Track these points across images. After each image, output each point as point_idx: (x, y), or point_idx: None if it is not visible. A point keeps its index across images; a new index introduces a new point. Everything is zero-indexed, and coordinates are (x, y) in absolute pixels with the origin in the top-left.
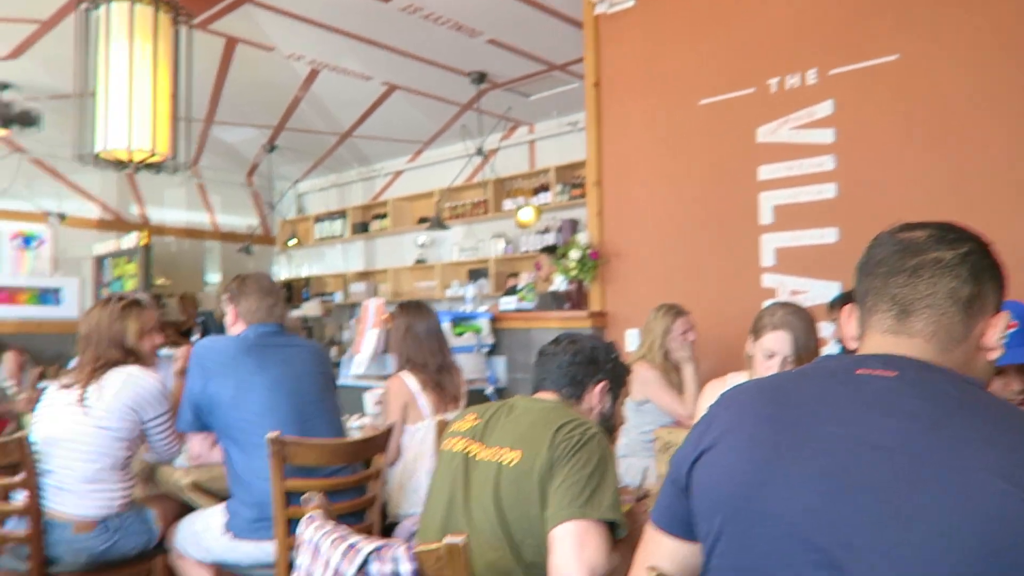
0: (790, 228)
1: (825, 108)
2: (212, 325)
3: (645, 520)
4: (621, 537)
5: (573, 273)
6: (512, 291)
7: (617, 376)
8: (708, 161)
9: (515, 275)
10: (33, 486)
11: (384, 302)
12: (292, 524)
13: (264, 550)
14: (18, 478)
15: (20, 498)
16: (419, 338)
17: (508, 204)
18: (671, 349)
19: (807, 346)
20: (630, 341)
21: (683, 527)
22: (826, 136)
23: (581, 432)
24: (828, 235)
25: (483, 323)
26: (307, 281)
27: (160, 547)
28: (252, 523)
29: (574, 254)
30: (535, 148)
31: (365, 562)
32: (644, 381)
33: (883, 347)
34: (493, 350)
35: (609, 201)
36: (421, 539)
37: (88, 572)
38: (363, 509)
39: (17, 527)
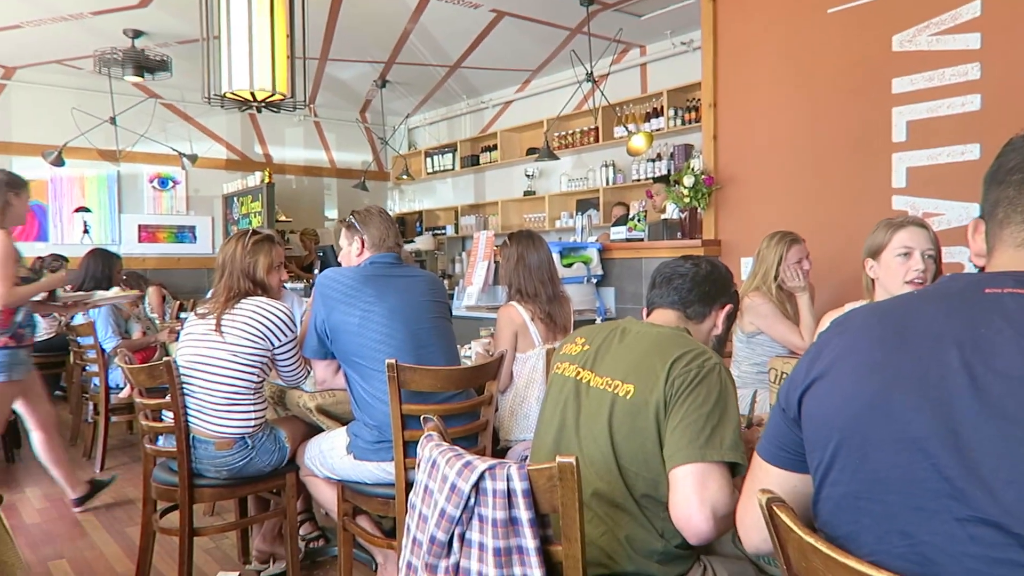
0: (926, 146)
1: (971, 9)
2: (332, 259)
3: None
4: (742, 474)
5: (686, 201)
6: (622, 221)
7: (737, 303)
8: (836, 76)
9: (625, 204)
10: (179, 406)
11: (494, 234)
12: (410, 446)
13: (385, 469)
14: (166, 399)
15: (169, 417)
16: (530, 268)
17: (619, 131)
18: (785, 278)
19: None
20: (745, 270)
21: (792, 458)
22: (971, 42)
23: (699, 365)
24: (970, 152)
25: (592, 253)
26: (419, 215)
27: (290, 464)
28: (373, 444)
29: (688, 181)
30: (647, 71)
31: (480, 479)
32: (758, 313)
33: (1017, 263)
34: (602, 281)
35: (725, 124)
36: (533, 462)
37: (229, 485)
38: (476, 433)
39: (167, 443)
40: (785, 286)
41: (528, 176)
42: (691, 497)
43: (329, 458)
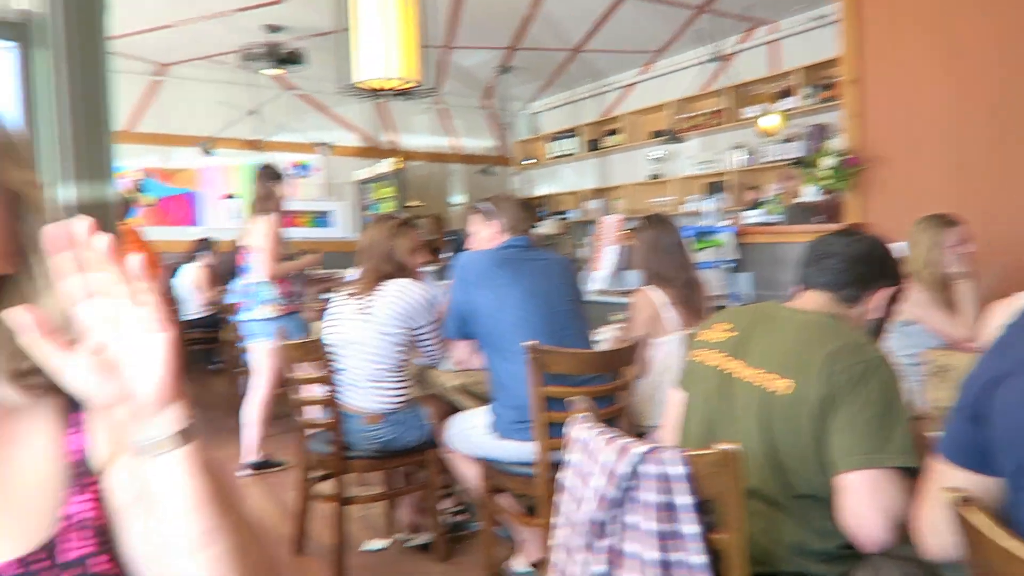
0: None
1: None
2: (462, 243)
3: (921, 443)
4: (916, 476)
5: (826, 183)
6: (756, 204)
7: (899, 285)
8: (1000, 41)
9: (756, 188)
10: (330, 382)
11: (622, 218)
12: (550, 427)
13: (525, 449)
14: (318, 374)
15: (322, 392)
16: (666, 252)
17: (748, 112)
18: (943, 264)
19: None
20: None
21: (977, 459)
22: None
23: (863, 360)
24: None
25: (725, 238)
26: (543, 200)
27: (432, 441)
28: (513, 424)
29: (827, 162)
30: (778, 48)
31: (638, 462)
32: (913, 301)
33: None
34: (736, 266)
35: (872, 100)
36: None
37: (377, 458)
38: (612, 418)
39: (321, 417)
40: (943, 272)
41: (653, 160)
42: (864, 505)
43: (471, 436)
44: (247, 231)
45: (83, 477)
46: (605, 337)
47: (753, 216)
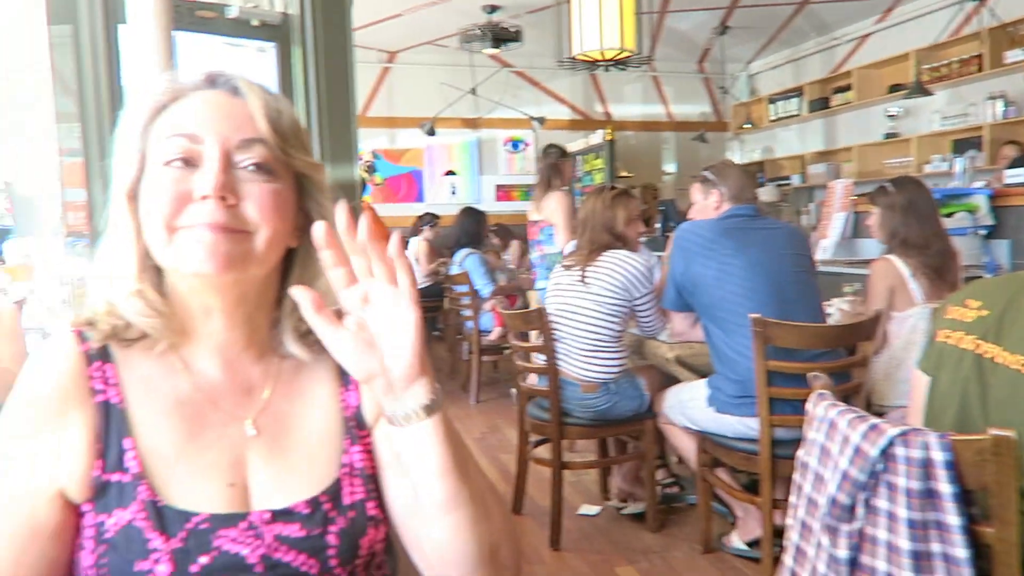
0: None
1: None
2: (672, 214)
3: None
4: None
5: None
6: (1018, 162)
7: None
8: None
9: (1018, 143)
10: (550, 350)
11: (852, 183)
12: (775, 403)
13: (747, 424)
14: (539, 343)
15: (542, 360)
16: (919, 217)
17: (1011, 56)
18: None
19: None
20: None
21: None
22: None
23: None
24: None
25: (980, 200)
26: (761, 165)
27: (649, 411)
28: (734, 399)
29: None
30: None
31: (890, 444)
32: None
33: None
34: (992, 232)
35: None
36: None
37: (593, 426)
38: (847, 396)
39: (540, 384)
40: None
41: (890, 116)
42: None
43: (689, 409)
44: (537, 207)
45: (357, 430)
46: (834, 310)
47: (1015, 175)
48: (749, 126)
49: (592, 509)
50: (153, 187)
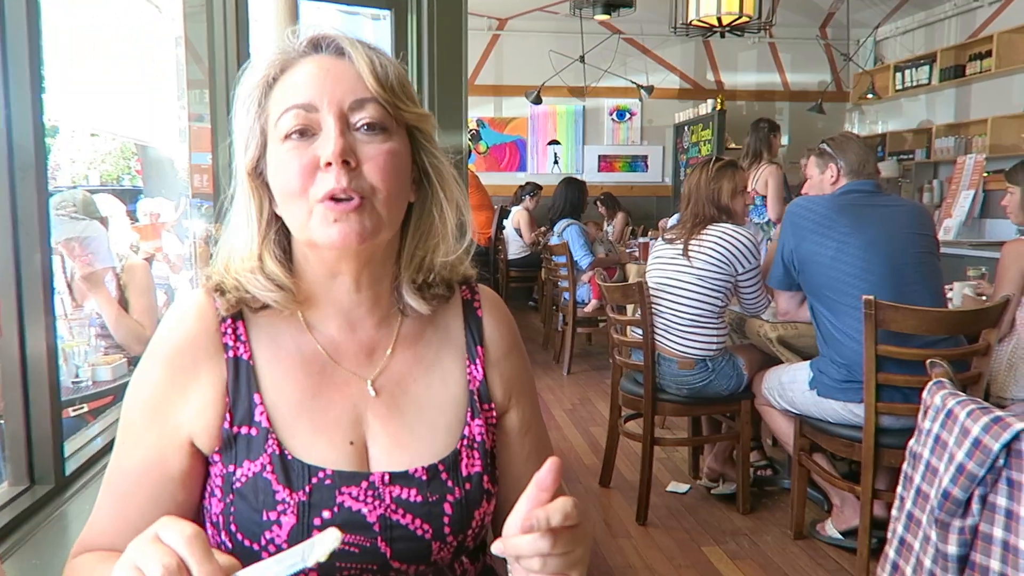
0: None
1: None
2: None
3: None
4: None
5: None
6: None
7: None
8: None
9: None
10: (648, 325)
11: (984, 159)
12: (883, 390)
13: (851, 411)
14: (637, 316)
15: (636, 333)
16: None
17: None
18: None
19: None
20: None
21: None
22: None
23: None
24: None
25: None
26: (881, 138)
27: (746, 391)
28: (839, 383)
29: None
30: None
31: (1015, 439)
32: None
33: None
34: None
35: None
36: None
37: (687, 403)
38: (964, 387)
39: (635, 358)
40: None
41: None
42: None
43: (789, 391)
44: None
45: (480, 403)
46: (955, 294)
47: None
48: (872, 96)
49: (681, 487)
50: (278, 164)
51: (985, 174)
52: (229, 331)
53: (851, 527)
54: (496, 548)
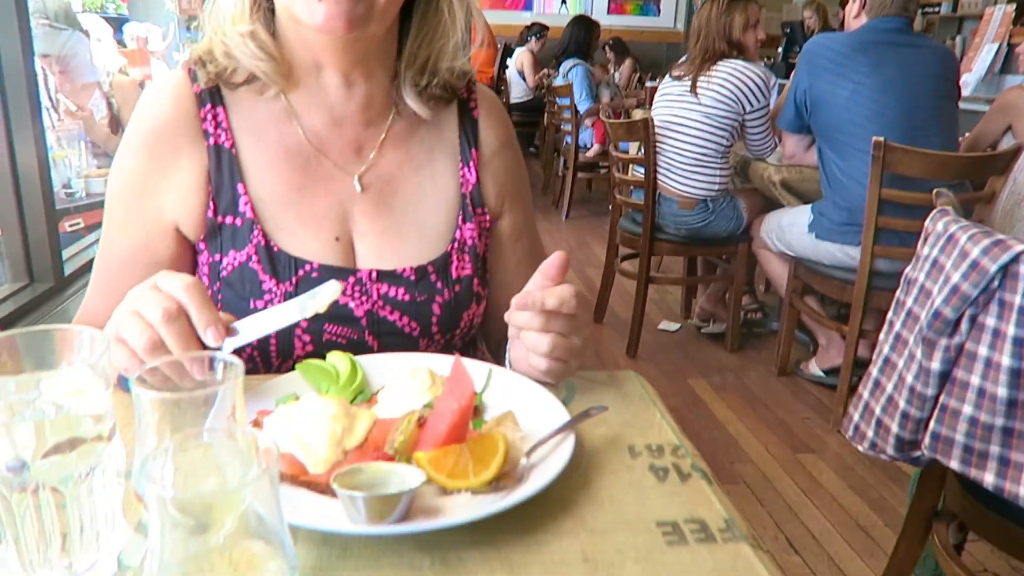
0: None
1: None
2: (799, 35)
3: None
4: None
5: None
6: None
7: None
8: None
9: None
10: (651, 163)
11: (1013, 9)
12: (881, 234)
13: (847, 253)
14: (640, 154)
15: (641, 172)
16: None
17: None
18: None
19: None
20: None
21: None
22: None
23: None
24: None
25: None
26: None
27: (744, 234)
28: (839, 226)
29: None
30: None
31: (1013, 261)
32: None
33: None
34: None
35: None
36: None
37: (684, 243)
38: None
39: (635, 197)
40: None
41: None
42: None
43: (788, 233)
44: None
45: (473, 207)
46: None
47: None
48: None
49: (672, 325)
50: None
51: (1013, 27)
52: (209, 117)
53: (834, 366)
54: (506, 316)
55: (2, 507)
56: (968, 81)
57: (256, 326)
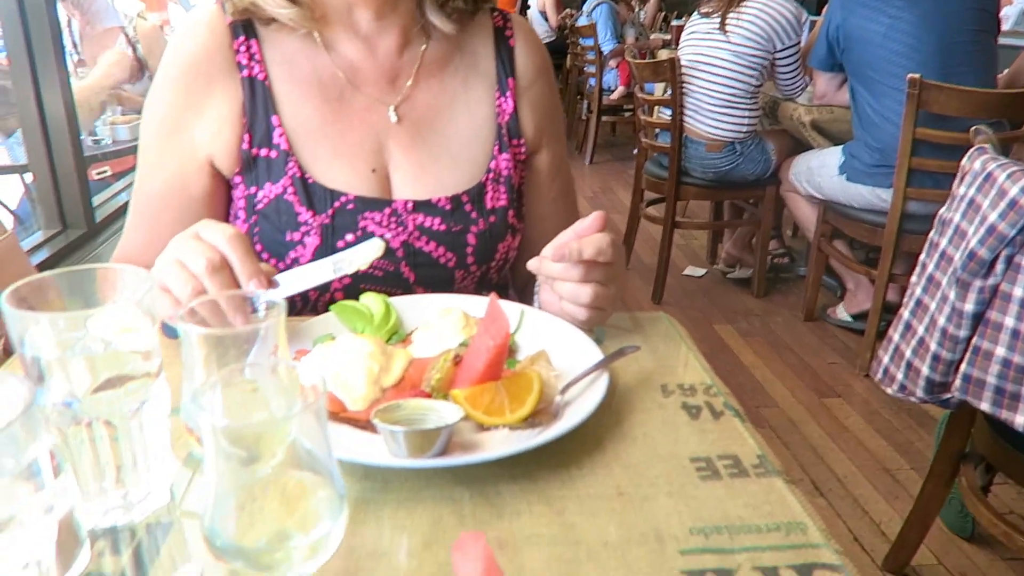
0: None
1: None
2: None
3: None
4: None
5: None
6: None
7: None
8: None
9: None
10: (677, 104)
11: None
12: (914, 175)
13: (879, 196)
14: (667, 95)
15: (667, 114)
16: None
17: None
18: None
19: None
20: None
21: None
22: None
23: None
24: None
25: None
26: None
27: (773, 177)
28: (871, 168)
29: None
30: None
31: None
32: None
33: None
34: None
35: None
36: None
37: (711, 187)
38: None
39: (662, 140)
40: None
41: None
42: None
43: (817, 176)
44: None
45: (509, 138)
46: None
47: None
48: None
49: (698, 271)
50: None
51: None
52: (243, 49)
53: (862, 311)
54: (532, 265)
55: (59, 439)
56: (1008, 14)
57: (298, 280)
